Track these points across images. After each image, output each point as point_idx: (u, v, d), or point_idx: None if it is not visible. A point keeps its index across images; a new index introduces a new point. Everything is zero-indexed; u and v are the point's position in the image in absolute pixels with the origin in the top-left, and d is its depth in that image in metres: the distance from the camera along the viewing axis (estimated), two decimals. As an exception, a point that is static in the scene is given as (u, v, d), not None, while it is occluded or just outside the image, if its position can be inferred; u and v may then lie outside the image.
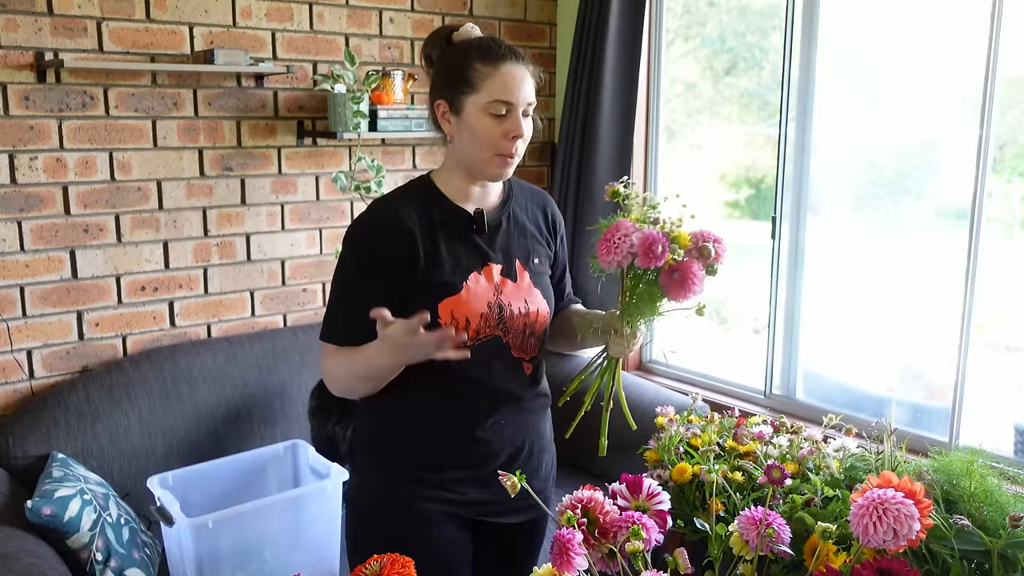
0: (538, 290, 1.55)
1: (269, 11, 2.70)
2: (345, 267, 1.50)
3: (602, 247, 1.39)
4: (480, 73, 1.41)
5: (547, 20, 3.37)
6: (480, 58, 1.42)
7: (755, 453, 1.49)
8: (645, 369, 3.34)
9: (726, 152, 3.12)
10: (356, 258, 1.47)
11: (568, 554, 0.99)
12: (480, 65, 1.42)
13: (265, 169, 2.77)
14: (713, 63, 3.12)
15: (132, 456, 2.36)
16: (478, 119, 1.42)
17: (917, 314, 2.60)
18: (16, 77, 2.31)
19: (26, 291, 2.40)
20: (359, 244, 1.47)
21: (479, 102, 1.41)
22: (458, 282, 1.45)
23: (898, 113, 2.64)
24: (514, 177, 1.60)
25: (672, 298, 1.40)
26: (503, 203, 1.56)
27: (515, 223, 1.56)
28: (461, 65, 1.43)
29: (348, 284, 1.49)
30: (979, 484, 1.15)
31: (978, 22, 2.26)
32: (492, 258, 1.50)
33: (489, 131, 1.42)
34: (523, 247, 1.56)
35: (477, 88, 1.42)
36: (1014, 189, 2.36)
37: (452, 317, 1.44)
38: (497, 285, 1.49)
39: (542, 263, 1.59)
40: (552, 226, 1.65)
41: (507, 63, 1.42)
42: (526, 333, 1.52)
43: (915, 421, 2.61)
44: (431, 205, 1.49)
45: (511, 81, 1.41)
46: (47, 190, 2.40)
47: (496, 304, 1.48)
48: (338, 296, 1.51)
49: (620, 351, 1.49)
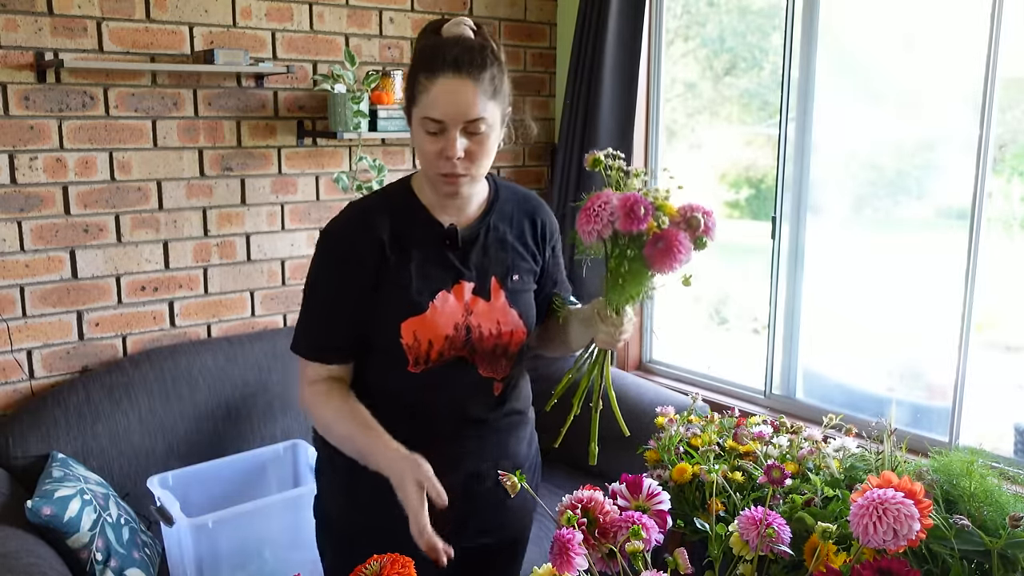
0: (515, 310, 1.44)
1: (269, 11, 2.70)
2: (318, 271, 1.42)
3: (582, 218, 1.29)
4: (420, 85, 1.31)
5: (547, 20, 3.37)
6: (423, 68, 1.31)
7: (755, 453, 1.48)
8: (645, 369, 3.34)
9: (726, 152, 3.12)
10: (329, 261, 1.40)
11: (568, 554, 0.99)
12: (422, 76, 1.31)
13: (265, 169, 2.77)
14: (713, 63, 3.12)
15: (132, 456, 2.36)
16: (417, 134, 1.33)
17: (917, 314, 2.60)
18: (16, 77, 2.31)
19: (26, 291, 2.40)
20: (333, 245, 1.40)
21: (417, 116, 1.32)
22: (424, 302, 1.37)
23: (898, 113, 2.64)
24: (504, 180, 1.52)
25: (657, 269, 1.28)
26: (483, 214, 1.45)
27: (494, 236, 1.45)
28: (411, 73, 1.34)
29: (321, 289, 1.42)
30: (979, 484, 1.15)
31: (978, 22, 2.26)
32: (465, 276, 1.41)
33: (424, 148, 1.33)
34: (501, 263, 1.44)
35: (416, 101, 1.32)
36: (1014, 189, 2.36)
37: (415, 338, 1.36)
38: (467, 304, 1.40)
39: (523, 279, 1.47)
40: (542, 236, 1.53)
41: (445, 76, 1.28)
42: (496, 354, 1.43)
43: (915, 421, 2.61)
44: (406, 214, 1.41)
45: (443, 97, 1.28)
46: (47, 190, 2.40)
47: (464, 326, 1.39)
48: (310, 302, 1.43)
49: (608, 340, 1.37)
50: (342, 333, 1.41)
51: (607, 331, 1.36)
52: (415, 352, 1.37)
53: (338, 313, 1.40)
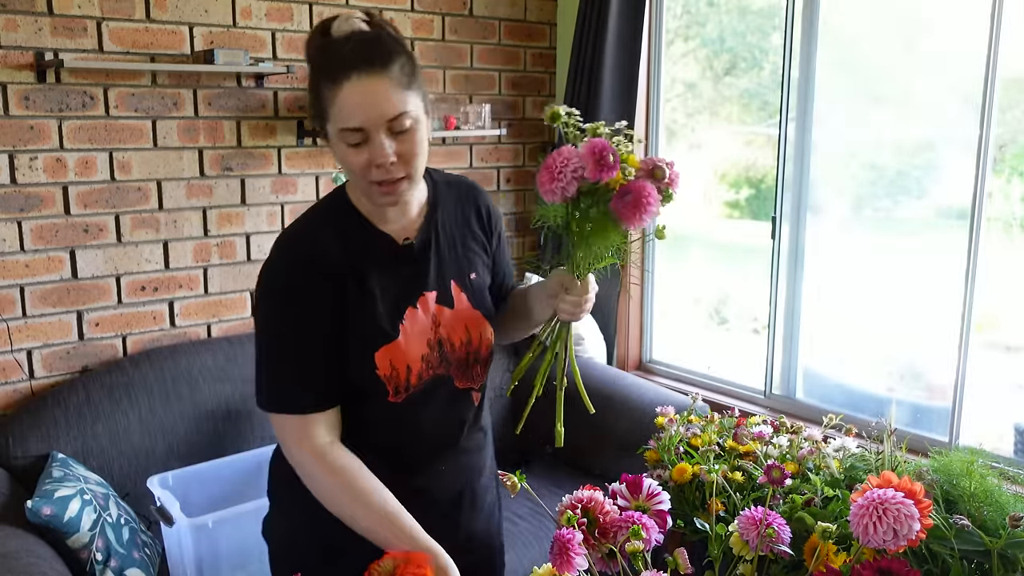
0: (479, 311, 1.35)
1: (269, 11, 2.70)
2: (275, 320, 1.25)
3: (544, 176, 1.20)
4: (326, 97, 1.16)
5: (547, 20, 3.37)
6: (324, 77, 1.16)
7: (755, 453, 1.48)
8: (645, 369, 3.34)
9: (726, 152, 3.12)
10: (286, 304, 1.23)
11: (568, 554, 0.99)
12: (325, 86, 1.16)
13: (265, 169, 2.77)
14: (713, 63, 3.12)
15: (132, 456, 2.36)
16: (338, 149, 1.19)
17: (917, 314, 2.60)
18: (16, 77, 2.31)
19: (26, 291, 2.39)
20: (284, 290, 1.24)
21: (333, 131, 1.18)
22: (393, 327, 1.26)
23: (898, 113, 2.64)
24: (437, 172, 1.41)
25: (627, 223, 1.20)
26: (428, 216, 1.33)
27: (444, 237, 1.34)
28: (312, 86, 1.19)
29: (286, 337, 1.24)
30: (979, 484, 1.15)
31: (978, 22, 2.26)
32: (426, 287, 1.30)
33: (351, 162, 1.18)
34: (456, 263, 1.35)
35: (327, 115, 1.17)
36: (1014, 189, 2.36)
37: (391, 366, 1.25)
38: (434, 316, 1.30)
39: (480, 275, 1.38)
40: (488, 223, 1.43)
41: (349, 80, 1.13)
42: (469, 362, 1.34)
43: (915, 421, 2.61)
44: (351, 231, 1.27)
45: (355, 101, 1.14)
46: (47, 190, 2.39)
47: (435, 341, 1.30)
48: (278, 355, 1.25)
49: (572, 311, 1.29)
50: (319, 377, 1.25)
51: (572, 300, 1.28)
52: (394, 382, 1.26)
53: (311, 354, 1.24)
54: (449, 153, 3.19)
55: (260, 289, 1.26)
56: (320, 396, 1.25)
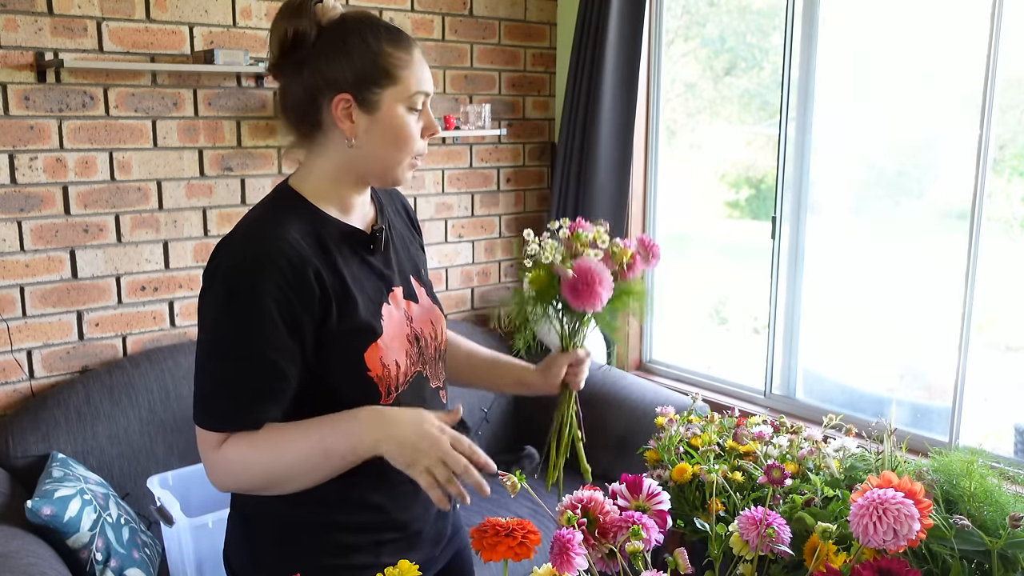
0: (437, 307, 1.36)
1: (269, 11, 2.70)
2: (230, 321, 1.12)
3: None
4: (398, 60, 1.18)
5: (547, 20, 3.37)
6: (392, 43, 1.19)
7: (755, 453, 1.48)
8: (645, 369, 3.34)
9: (726, 152, 3.12)
10: (248, 304, 1.11)
11: (568, 554, 0.99)
12: (393, 50, 1.18)
13: (265, 169, 2.77)
14: (713, 63, 3.12)
15: (132, 456, 2.36)
16: (398, 116, 1.19)
17: (917, 314, 2.60)
18: (16, 77, 2.31)
19: (26, 291, 2.39)
20: (249, 286, 1.11)
21: (400, 96, 1.19)
22: (377, 323, 1.21)
23: (898, 113, 2.64)
24: None
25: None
26: (380, 211, 1.32)
27: (396, 233, 1.34)
28: (373, 51, 1.17)
29: (242, 343, 1.12)
30: (979, 484, 1.15)
31: (978, 22, 2.26)
32: (393, 281, 1.27)
33: (411, 129, 1.20)
34: (410, 259, 1.35)
35: (396, 79, 1.18)
36: (1014, 189, 2.36)
37: (382, 365, 1.20)
38: (405, 311, 1.27)
39: (426, 270, 1.40)
40: (414, 223, 1.45)
41: (417, 48, 1.21)
42: (436, 357, 1.33)
43: (915, 421, 2.61)
44: (317, 226, 1.20)
45: (423, 67, 1.22)
46: (47, 190, 2.39)
47: (413, 336, 1.27)
48: (228, 362, 1.13)
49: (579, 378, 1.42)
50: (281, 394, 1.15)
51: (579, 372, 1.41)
52: (386, 381, 1.21)
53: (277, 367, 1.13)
54: (449, 153, 3.19)
55: (212, 284, 1.14)
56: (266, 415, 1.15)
